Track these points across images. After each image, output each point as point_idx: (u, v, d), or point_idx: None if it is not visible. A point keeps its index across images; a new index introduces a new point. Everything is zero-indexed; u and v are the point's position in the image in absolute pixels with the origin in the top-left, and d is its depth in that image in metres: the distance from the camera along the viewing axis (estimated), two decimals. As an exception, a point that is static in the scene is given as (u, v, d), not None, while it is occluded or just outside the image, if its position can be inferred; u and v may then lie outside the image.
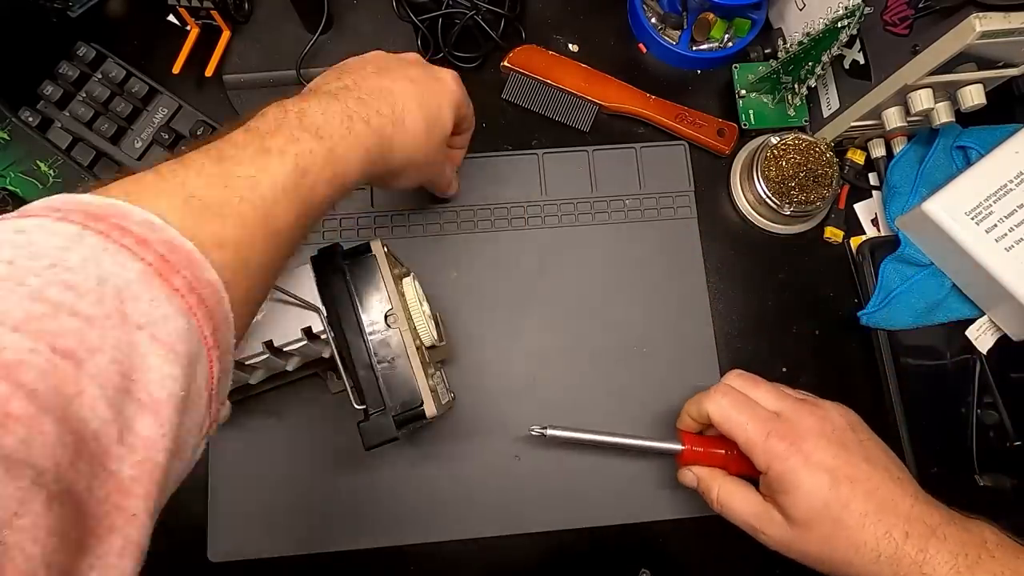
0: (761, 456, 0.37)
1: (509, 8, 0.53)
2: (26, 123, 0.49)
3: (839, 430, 0.38)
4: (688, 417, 0.42)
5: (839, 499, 0.35)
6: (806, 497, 0.35)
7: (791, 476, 0.36)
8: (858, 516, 0.35)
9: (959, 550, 0.33)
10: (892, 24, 0.44)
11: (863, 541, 0.34)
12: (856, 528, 0.34)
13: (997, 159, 0.46)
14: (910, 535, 0.34)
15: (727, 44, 0.55)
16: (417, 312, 0.39)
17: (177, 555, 0.46)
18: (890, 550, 0.34)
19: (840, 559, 0.35)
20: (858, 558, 0.34)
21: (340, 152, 0.32)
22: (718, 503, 0.40)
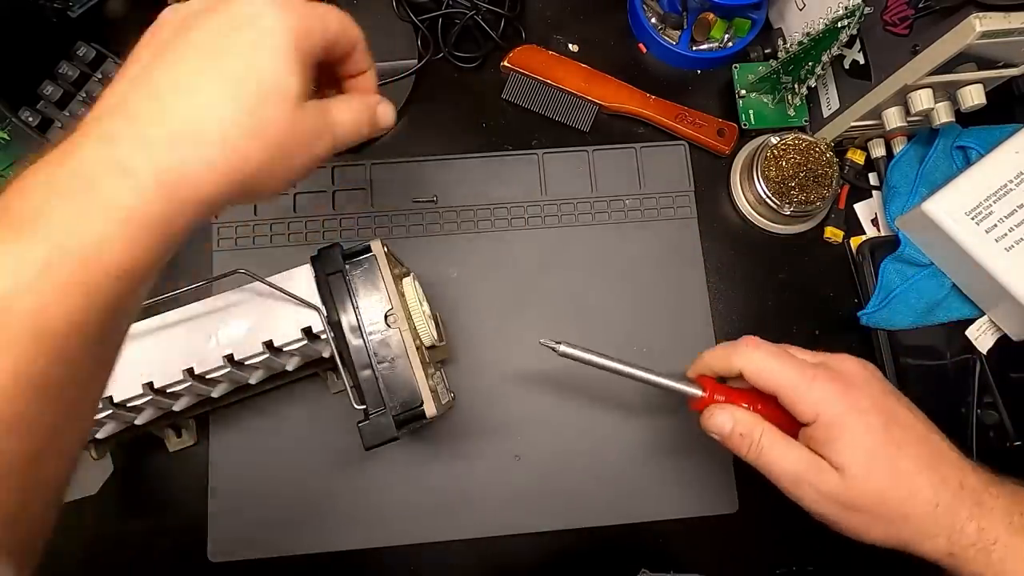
0: (807, 403, 0.34)
1: (509, 8, 0.53)
2: (26, 123, 0.49)
3: (881, 380, 0.36)
4: (708, 369, 0.39)
5: (894, 442, 0.33)
6: (860, 441, 0.33)
7: (842, 420, 0.33)
8: (913, 460, 0.32)
9: (1012, 508, 0.32)
10: (892, 24, 0.44)
11: (919, 488, 0.32)
12: (912, 473, 0.32)
13: (997, 159, 0.46)
14: (965, 486, 0.32)
15: (727, 44, 0.55)
16: (417, 312, 0.39)
17: (177, 555, 0.46)
18: (947, 498, 0.32)
19: (895, 510, 0.32)
20: (914, 506, 0.32)
21: (93, 254, 0.23)
22: (758, 450, 0.35)
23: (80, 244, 0.22)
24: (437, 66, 0.55)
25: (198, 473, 0.47)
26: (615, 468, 0.48)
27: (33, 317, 0.21)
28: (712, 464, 0.48)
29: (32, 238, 0.22)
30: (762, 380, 0.35)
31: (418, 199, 0.52)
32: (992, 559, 0.31)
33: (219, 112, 0.26)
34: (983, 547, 0.31)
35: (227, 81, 0.26)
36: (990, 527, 0.31)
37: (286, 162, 0.28)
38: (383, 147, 0.54)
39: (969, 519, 0.32)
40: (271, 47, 0.27)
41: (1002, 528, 0.31)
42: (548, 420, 0.48)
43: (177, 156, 0.25)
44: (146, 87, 0.26)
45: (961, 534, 0.32)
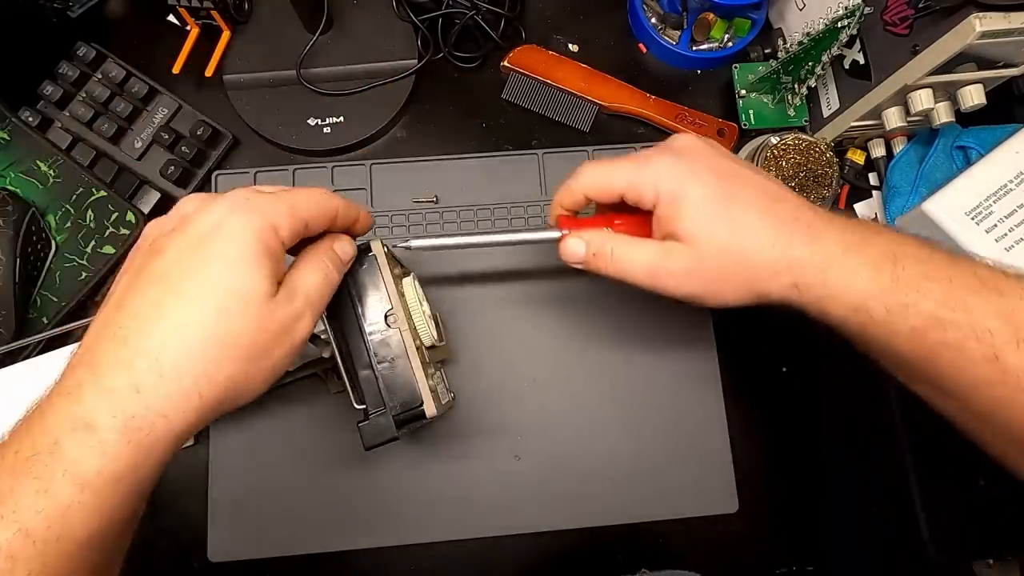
0: (646, 185, 0.35)
1: (509, 8, 0.53)
2: (26, 123, 0.49)
3: (715, 146, 0.37)
4: (561, 208, 0.39)
5: (729, 195, 0.34)
6: (699, 204, 0.34)
7: (680, 188, 0.34)
8: (749, 208, 0.34)
9: (846, 229, 0.33)
10: (892, 24, 0.44)
11: (759, 233, 0.33)
12: (749, 221, 0.33)
13: (997, 159, 0.46)
14: (799, 219, 0.33)
15: (727, 44, 0.55)
16: (417, 312, 0.39)
17: (177, 555, 0.46)
18: (784, 235, 0.33)
19: (737, 259, 0.34)
20: (753, 250, 0.33)
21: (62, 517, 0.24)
22: (613, 259, 0.36)
23: (45, 524, 0.24)
24: (437, 66, 0.55)
25: (198, 473, 0.47)
26: (614, 468, 0.48)
27: None
28: (712, 464, 0.48)
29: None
30: (605, 189, 0.37)
31: (418, 199, 0.52)
32: (827, 279, 0.32)
33: (181, 342, 0.27)
34: (819, 269, 0.33)
35: (189, 303, 0.27)
36: (824, 250, 0.33)
37: (264, 362, 0.29)
38: (383, 147, 0.54)
39: (804, 247, 0.33)
40: (233, 256, 0.28)
41: (836, 250, 0.32)
42: (548, 420, 0.48)
43: (142, 401, 0.26)
44: (111, 328, 0.27)
45: (799, 264, 0.33)
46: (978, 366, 0.30)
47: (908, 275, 0.31)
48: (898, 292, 0.31)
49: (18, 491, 0.24)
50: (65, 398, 0.26)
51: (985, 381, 0.30)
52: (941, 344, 0.31)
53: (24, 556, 0.23)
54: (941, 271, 0.31)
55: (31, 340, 0.42)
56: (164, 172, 0.51)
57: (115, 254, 0.48)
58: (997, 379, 0.30)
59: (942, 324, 0.30)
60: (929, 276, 0.31)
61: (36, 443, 0.25)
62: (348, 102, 0.53)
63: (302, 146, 0.52)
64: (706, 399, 0.49)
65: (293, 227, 0.31)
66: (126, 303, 0.28)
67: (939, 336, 0.31)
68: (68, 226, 0.48)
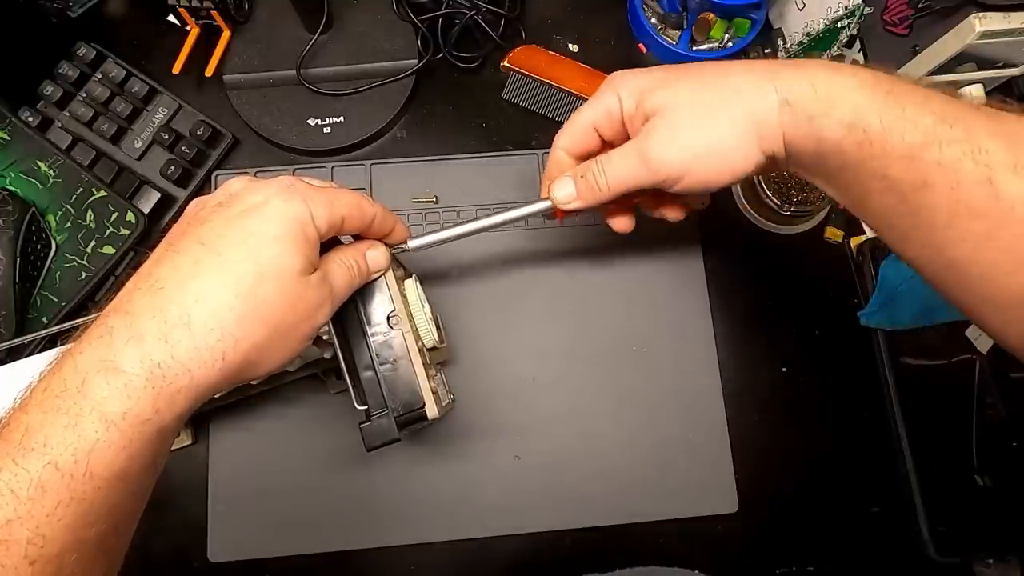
0: (610, 97, 0.36)
1: (509, 8, 0.53)
2: (26, 123, 0.49)
3: None
4: (550, 179, 0.39)
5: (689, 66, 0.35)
6: (661, 77, 0.34)
7: (638, 80, 0.35)
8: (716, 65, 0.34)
9: (833, 64, 0.32)
10: (892, 24, 0.44)
11: (732, 70, 0.33)
12: (721, 67, 0.33)
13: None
14: (781, 63, 0.32)
15: (727, 44, 0.55)
16: (419, 313, 0.39)
17: (177, 555, 0.46)
18: (762, 66, 0.32)
19: (723, 94, 0.33)
20: (735, 80, 0.32)
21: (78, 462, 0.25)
22: (602, 172, 0.36)
23: (72, 458, 0.25)
24: (437, 66, 0.55)
25: (198, 473, 0.47)
26: (615, 468, 0.48)
27: (29, 547, 0.24)
28: (712, 464, 0.48)
29: (26, 458, 0.24)
30: (578, 133, 0.37)
31: (418, 199, 0.52)
32: (819, 93, 0.31)
33: (215, 300, 0.28)
34: (809, 84, 0.31)
35: (224, 269, 0.28)
36: (810, 72, 0.31)
37: (286, 338, 0.30)
38: (383, 147, 0.54)
39: (790, 69, 0.32)
40: (271, 233, 0.29)
41: (823, 72, 0.31)
42: (548, 421, 0.48)
43: (168, 351, 0.27)
44: (148, 280, 0.28)
45: (786, 81, 0.31)
46: (971, 191, 0.28)
47: (903, 91, 0.30)
48: (895, 106, 0.30)
49: (48, 425, 0.25)
50: (96, 341, 0.27)
51: (978, 211, 0.28)
52: (936, 164, 0.29)
53: (53, 487, 0.24)
54: (936, 93, 0.30)
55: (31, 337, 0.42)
56: (164, 172, 0.51)
57: (115, 254, 0.48)
58: (987, 208, 0.28)
59: (939, 140, 0.28)
60: (928, 95, 0.30)
61: (67, 381, 0.26)
62: (348, 102, 0.53)
63: (302, 146, 0.52)
64: (706, 399, 0.49)
65: (331, 220, 0.32)
66: (165, 260, 0.29)
67: (935, 155, 0.29)
68: (68, 226, 0.48)
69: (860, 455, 0.50)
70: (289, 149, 0.53)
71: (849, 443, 0.50)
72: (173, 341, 0.27)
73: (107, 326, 0.27)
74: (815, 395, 0.50)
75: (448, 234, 0.40)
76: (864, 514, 0.49)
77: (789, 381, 0.51)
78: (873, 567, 0.48)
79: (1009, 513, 0.47)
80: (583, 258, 0.51)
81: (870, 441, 0.50)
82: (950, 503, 0.48)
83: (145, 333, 0.27)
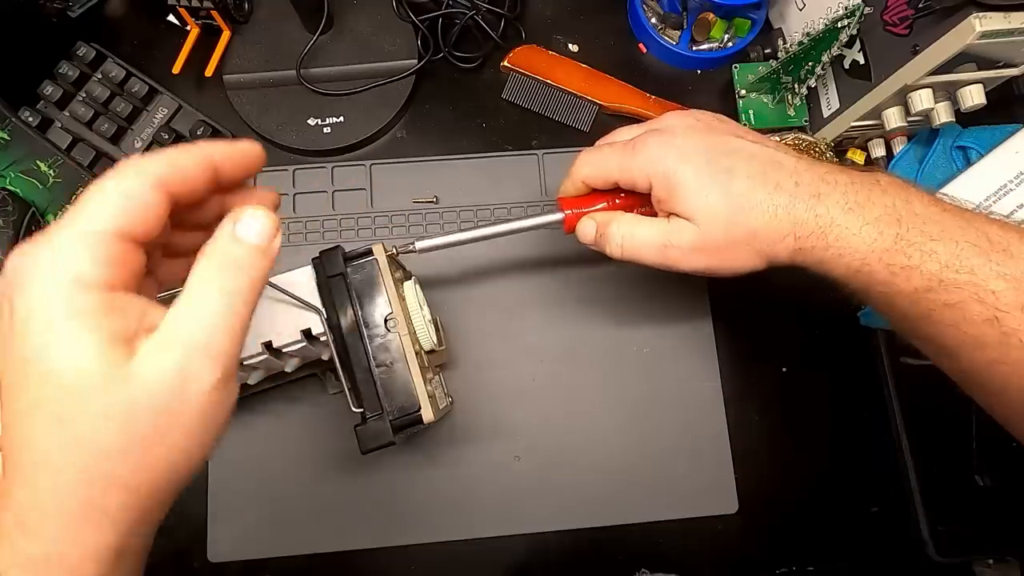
0: (638, 173, 0.36)
1: (509, 8, 0.53)
2: (26, 123, 0.49)
3: (705, 122, 0.37)
4: (567, 193, 0.41)
5: (722, 171, 0.34)
6: (692, 186, 0.34)
7: (670, 174, 0.35)
8: (745, 179, 0.34)
9: (849, 189, 0.33)
10: (892, 24, 0.44)
11: (758, 201, 0.33)
12: (748, 191, 0.34)
13: (997, 159, 0.46)
14: (800, 184, 0.33)
15: (727, 44, 0.55)
16: (417, 316, 0.39)
17: (177, 555, 0.46)
18: (784, 201, 0.33)
19: (743, 230, 0.34)
20: (757, 219, 0.33)
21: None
22: (621, 239, 0.37)
23: None
24: (437, 66, 0.55)
25: (198, 473, 0.47)
26: (615, 468, 0.48)
27: None
28: (712, 464, 0.48)
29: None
30: (600, 178, 0.38)
31: (418, 199, 0.52)
32: (829, 240, 0.33)
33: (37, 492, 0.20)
34: (821, 232, 0.33)
35: (30, 422, 0.20)
36: (826, 212, 0.33)
37: (153, 459, 0.22)
38: (383, 147, 0.54)
39: (807, 211, 0.33)
40: (35, 338, 0.20)
41: (837, 211, 0.33)
42: (548, 421, 0.48)
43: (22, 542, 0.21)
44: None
45: (802, 227, 0.33)
46: (977, 327, 0.30)
47: (912, 236, 0.31)
48: (901, 254, 0.31)
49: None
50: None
51: (984, 343, 0.30)
52: (942, 304, 0.31)
53: None
54: (948, 232, 0.31)
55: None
56: (164, 172, 0.51)
57: (115, 254, 0.48)
58: (996, 340, 0.30)
59: (945, 286, 0.30)
60: (935, 237, 0.31)
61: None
62: (348, 102, 0.53)
63: (302, 146, 0.52)
64: (706, 399, 0.49)
65: (111, 251, 0.21)
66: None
67: (941, 297, 0.30)
68: (68, 226, 0.48)
69: (860, 455, 0.50)
70: (289, 149, 0.53)
71: (849, 443, 0.50)
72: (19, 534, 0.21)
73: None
74: (815, 395, 0.50)
75: (456, 238, 0.40)
76: (864, 514, 0.49)
77: (789, 381, 0.51)
78: (873, 567, 0.48)
79: (1009, 513, 0.47)
80: (582, 259, 0.51)
81: (870, 441, 0.50)
82: (950, 503, 0.48)
83: None
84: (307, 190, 0.52)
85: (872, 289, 0.33)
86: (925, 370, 0.49)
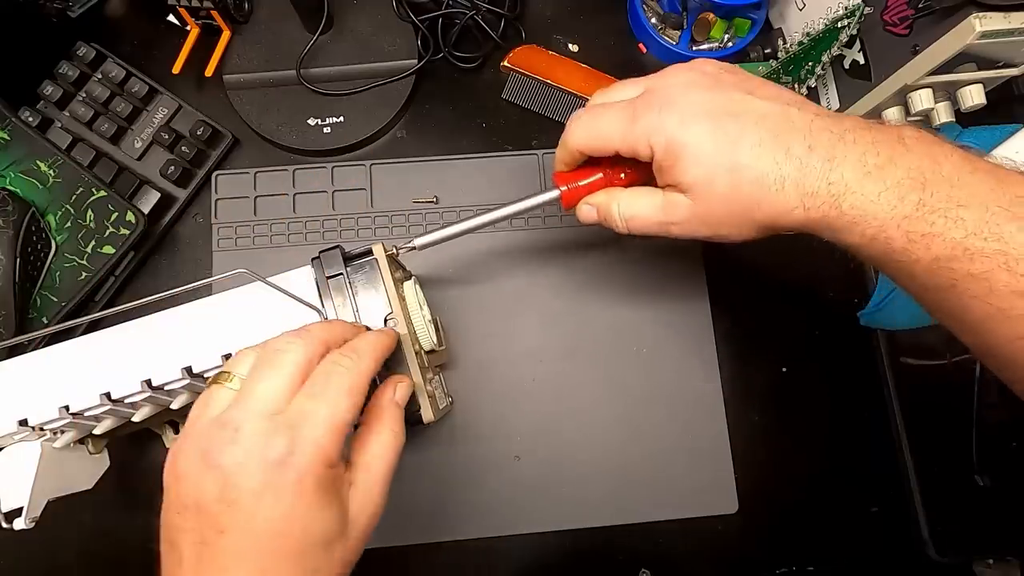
0: (639, 142, 0.33)
1: (509, 8, 0.53)
2: (26, 123, 0.49)
3: (711, 75, 0.33)
4: (563, 164, 0.38)
5: (728, 138, 0.31)
6: (695, 154, 0.31)
7: (673, 142, 0.32)
8: (751, 148, 0.31)
9: (869, 149, 0.30)
10: (892, 24, 0.44)
11: (764, 172, 0.30)
12: (753, 161, 0.30)
13: (997, 159, 0.46)
14: (814, 147, 0.30)
15: (727, 44, 0.55)
16: (417, 316, 0.39)
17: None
18: (793, 170, 0.30)
19: (747, 205, 0.31)
20: (764, 192, 0.31)
21: None
22: (621, 217, 0.36)
23: None
24: (437, 66, 0.55)
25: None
26: (615, 468, 0.48)
27: None
28: (712, 464, 0.48)
29: None
30: (598, 146, 0.35)
31: (418, 199, 0.52)
32: (843, 208, 0.30)
33: None
34: (834, 200, 0.30)
35: None
36: (840, 179, 0.30)
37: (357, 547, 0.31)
38: (383, 147, 0.54)
39: (818, 179, 0.30)
40: (297, 527, 0.27)
41: (853, 176, 0.29)
42: (548, 421, 0.48)
43: None
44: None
45: (812, 197, 0.30)
46: (1006, 299, 0.27)
47: (937, 201, 0.28)
48: (923, 221, 0.28)
49: None
50: None
51: (1012, 316, 0.28)
52: (966, 275, 0.28)
53: None
54: (977, 195, 0.28)
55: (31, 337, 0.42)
56: (164, 172, 0.51)
57: (115, 254, 0.48)
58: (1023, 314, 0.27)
59: (970, 254, 0.28)
60: (963, 202, 0.28)
61: None
62: (348, 102, 0.53)
63: (302, 146, 0.52)
64: (706, 399, 0.49)
65: (339, 439, 0.29)
66: None
67: (964, 267, 0.28)
68: (68, 226, 0.48)
69: (860, 455, 0.50)
70: (289, 149, 0.53)
71: (849, 443, 0.50)
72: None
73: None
74: (815, 395, 0.50)
75: (455, 230, 0.39)
76: (864, 514, 0.49)
77: (789, 381, 0.51)
78: (873, 567, 0.48)
79: (1009, 513, 0.47)
80: (582, 259, 0.51)
81: (870, 441, 0.50)
82: (950, 503, 0.48)
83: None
84: (307, 190, 0.52)
85: (890, 258, 0.30)
86: (925, 370, 0.50)
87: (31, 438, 0.37)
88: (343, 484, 0.29)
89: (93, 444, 0.42)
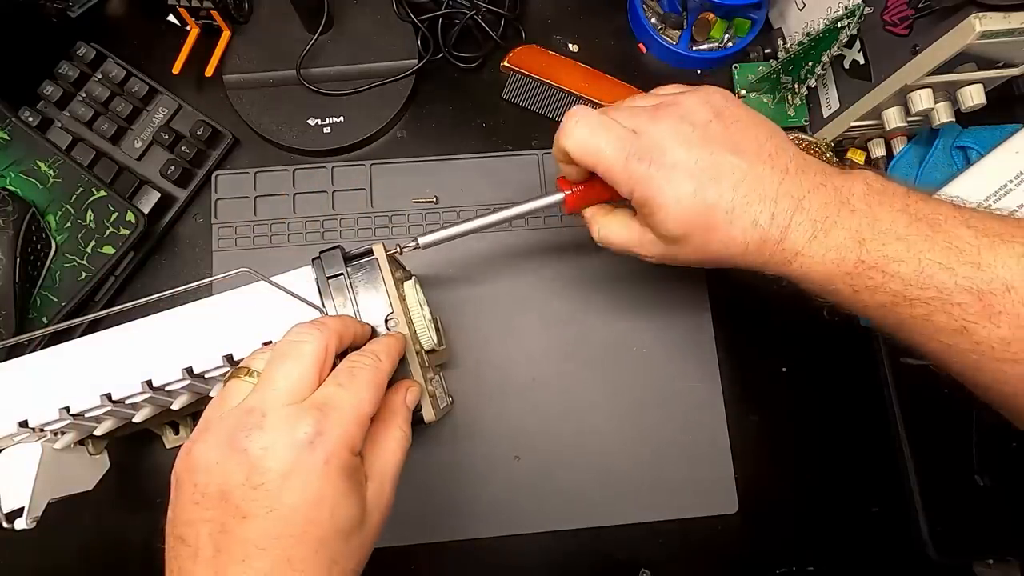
0: (623, 183, 0.35)
1: (509, 8, 0.53)
2: (26, 123, 0.49)
3: (701, 125, 0.34)
4: (563, 166, 0.39)
5: (706, 203, 0.33)
6: (673, 212, 0.34)
7: (655, 197, 0.34)
8: (724, 215, 0.33)
9: (820, 214, 0.32)
10: (892, 24, 0.44)
11: (731, 237, 0.33)
12: (725, 227, 0.33)
13: (997, 159, 0.46)
14: (775, 215, 0.33)
15: (727, 44, 0.55)
16: (417, 316, 0.39)
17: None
18: (756, 238, 0.33)
19: (713, 258, 0.35)
20: (729, 254, 0.34)
21: None
22: (599, 235, 0.39)
23: None
24: (437, 66, 0.55)
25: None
26: (615, 468, 0.48)
27: None
28: (712, 464, 0.48)
29: None
30: (587, 162, 0.36)
31: (418, 199, 0.52)
32: (793, 267, 0.33)
33: None
34: (786, 261, 0.33)
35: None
36: (791, 246, 0.33)
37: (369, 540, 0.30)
38: (383, 147, 0.54)
39: (775, 246, 0.33)
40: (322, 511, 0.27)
41: (803, 241, 0.33)
42: (548, 421, 0.48)
43: None
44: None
45: (770, 257, 0.33)
46: (949, 336, 0.31)
47: (874, 258, 0.31)
48: (863, 276, 0.32)
49: None
50: None
51: (960, 350, 0.31)
52: (909, 317, 0.31)
53: None
54: (913, 249, 0.31)
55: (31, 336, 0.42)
56: (164, 172, 0.51)
57: (115, 254, 0.48)
58: (968, 348, 0.30)
59: (909, 301, 0.31)
60: (897, 257, 0.31)
61: None
62: (348, 102, 0.53)
63: (302, 146, 0.52)
64: (706, 399, 0.49)
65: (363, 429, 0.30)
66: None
67: (907, 311, 0.31)
68: (68, 226, 0.48)
69: (860, 455, 0.50)
70: (289, 149, 0.53)
71: (849, 443, 0.50)
72: None
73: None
74: (815, 395, 0.50)
75: (459, 229, 0.40)
76: (864, 514, 0.49)
77: (789, 381, 0.51)
78: (873, 567, 0.48)
79: (1009, 513, 0.47)
80: (583, 259, 0.51)
81: (870, 441, 0.50)
82: (950, 503, 0.48)
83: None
84: (307, 190, 0.52)
85: (842, 303, 0.34)
86: (925, 370, 0.49)
87: (31, 439, 0.37)
88: (362, 476, 0.30)
89: (93, 445, 0.42)
